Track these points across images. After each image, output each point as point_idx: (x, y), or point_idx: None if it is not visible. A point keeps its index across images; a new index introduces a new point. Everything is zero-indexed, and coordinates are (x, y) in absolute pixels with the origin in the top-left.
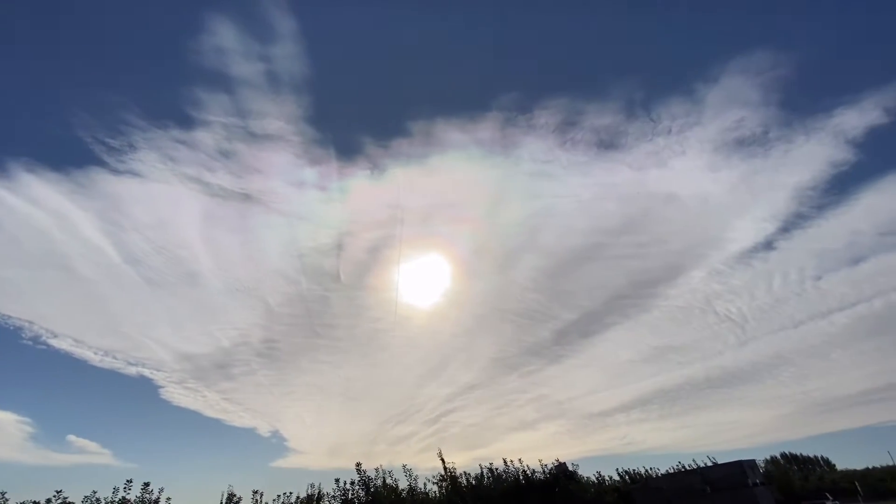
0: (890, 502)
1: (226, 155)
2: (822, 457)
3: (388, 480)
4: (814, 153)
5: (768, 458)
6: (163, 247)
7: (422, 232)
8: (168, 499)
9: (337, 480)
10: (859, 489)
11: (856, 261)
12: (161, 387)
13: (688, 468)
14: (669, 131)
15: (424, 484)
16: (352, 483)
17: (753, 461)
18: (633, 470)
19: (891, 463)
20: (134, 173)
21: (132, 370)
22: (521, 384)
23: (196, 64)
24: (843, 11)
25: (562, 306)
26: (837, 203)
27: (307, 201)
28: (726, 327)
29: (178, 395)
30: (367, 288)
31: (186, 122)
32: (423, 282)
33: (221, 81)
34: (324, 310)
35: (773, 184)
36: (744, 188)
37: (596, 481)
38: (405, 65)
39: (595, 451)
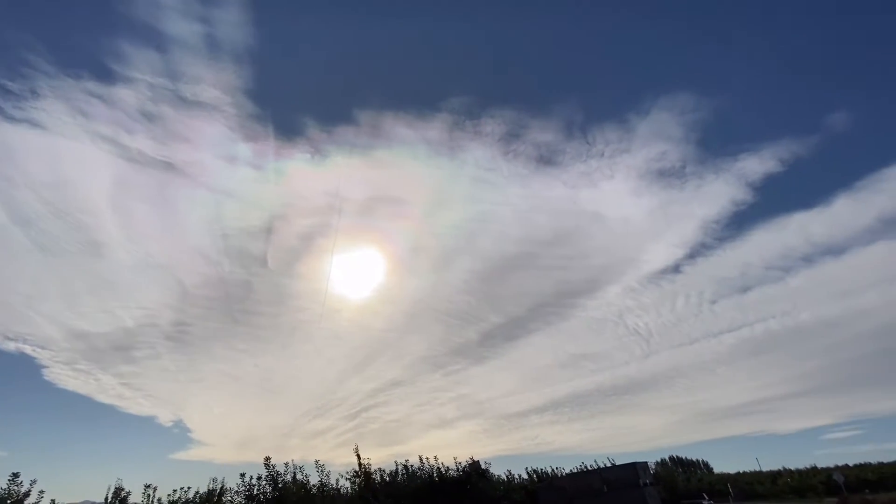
0: (754, 503)
1: (149, 117)
2: (702, 460)
3: (299, 476)
4: (720, 191)
5: (659, 460)
6: (62, 210)
7: (360, 224)
8: (41, 492)
9: (242, 475)
10: (730, 490)
11: (745, 289)
12: (45, 367)
13: (589, 468)
14: (602, 155)
15: (337, 480)
16: (258, 478)
17: (645, 463)
18: (541, 469)
19: (758, 468)
20: (34, 123)
21: (10, 346)
22: (444, 383)
23: (124, 13)
24: (749, 72)
25: (490, 310)
26: (734, 237)
27: (238, 178)
28: (634, 340)
29: (65, 376)
30: (296, 276)
31: (106, 75)
32: (356, 275)
33: (152, 37)
34: (246, 295)
35: (685, 214)
36: (660, 215)
37: (506, 479)
38: (359, 51)
39: (508, 449)
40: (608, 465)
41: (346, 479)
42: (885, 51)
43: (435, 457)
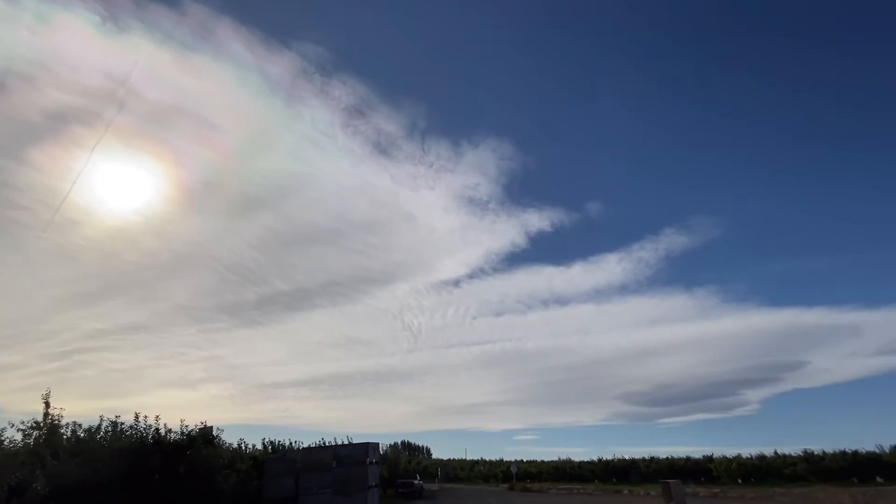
0: (455, 484)
1: None
2: (426, 447)
3: None
4: (506, 231)
5: (392, 443)
6: None
7: (145, 130)
8: None
9: None
10: (439, 473)
11: (498, 314)
12: None
13: (327, 444)
14: (431, 166)
15: (3, 430)
16: None
17: (377, 444)
18: (278, 441)
19: (464, 457)
20: None
21: None
22: (199, 339)
23: None
24: (555, 141)
25: (279, 275)
26: (504, 271)
27: None
28: (405, 335)
29: None
30: (25, 162)
31: None
32: (118, 190)
33: None
34: None
35: (477, 241)
36: (459, 235)
37: (237, 448)
38: None
39: (253, 419)
40: (345, 442)
41: (20, 430)
42: (635, 165)
43: (157, 416)
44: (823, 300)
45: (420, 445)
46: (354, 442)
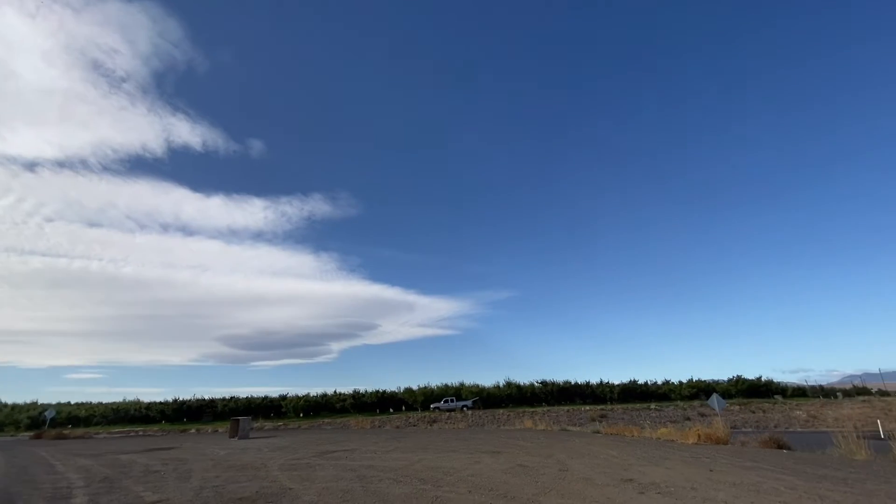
0: None
1: None
2: None
3: None
4: (141, 127)
5: None
6: None
7: None
8: None
9: None
10: None
11: (93, 224)
12: None
13: None
14: None
15: None
16: None
17: None
18: None
19: None
20: None
21: None
22: None
23: None
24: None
25: None
26: (120, 174)
27: None
28: None
29: None
30: None
31: None
32: None
33: None
34: None
35: (88, 123)
36: (58, 102)
37: None
38: None
39: None
40: None
41: None
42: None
43: None
44: (399, 283)
45: None
46: None
